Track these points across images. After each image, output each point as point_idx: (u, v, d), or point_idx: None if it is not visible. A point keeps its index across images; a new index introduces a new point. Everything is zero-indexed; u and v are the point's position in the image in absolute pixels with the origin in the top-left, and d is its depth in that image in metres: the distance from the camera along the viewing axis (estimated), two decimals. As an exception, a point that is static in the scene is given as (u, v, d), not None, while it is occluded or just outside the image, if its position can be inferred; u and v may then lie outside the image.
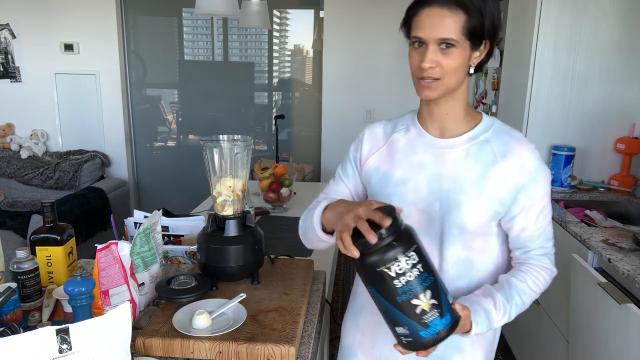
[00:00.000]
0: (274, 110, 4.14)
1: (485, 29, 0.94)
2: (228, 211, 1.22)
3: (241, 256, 1.20)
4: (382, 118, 3.81)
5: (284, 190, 2.36)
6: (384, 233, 0.81)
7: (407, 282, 0.82)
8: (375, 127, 1.14)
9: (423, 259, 0.84)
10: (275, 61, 4.03)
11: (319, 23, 3.89)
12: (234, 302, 1.11)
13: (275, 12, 3.93)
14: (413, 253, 0.82)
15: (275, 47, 4.01)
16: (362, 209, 0.86)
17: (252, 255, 1.22)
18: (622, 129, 2.46)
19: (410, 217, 1.03)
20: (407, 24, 0.98)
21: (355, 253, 0.84)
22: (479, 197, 0.99)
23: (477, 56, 0.98)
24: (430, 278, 0.84)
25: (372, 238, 0.81)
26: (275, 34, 3.99)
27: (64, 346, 0.75)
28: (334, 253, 1.91)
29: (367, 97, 3.81)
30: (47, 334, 0.74)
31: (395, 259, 0.81)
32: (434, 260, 1.04)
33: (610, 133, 2.47)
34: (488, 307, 0.97)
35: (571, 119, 2.48)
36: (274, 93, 4.12)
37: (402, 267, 0.81)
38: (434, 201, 1.02)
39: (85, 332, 0.77)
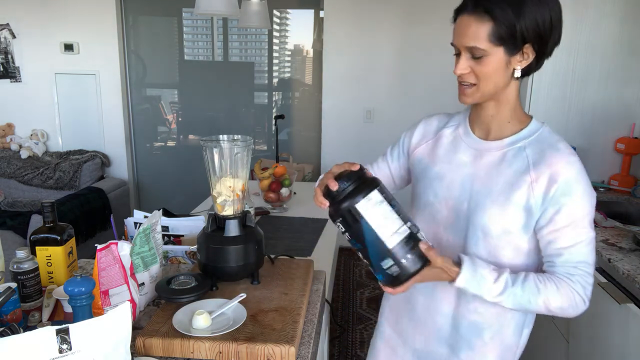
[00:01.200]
0: (274, 110, 4.15)
1: (519, 34, 0.90)
2: (228, 211, 1.22)
3: (241, 256, 1.20)
4: (382, 118, 3.81)
5: (284, 190, 2.36)
6: (332, 194, 0.92)
7: (348, 240, 0.94)
8: (432, 119, 1.16)
9: (351, 229, 0.91)
10: (275, 61, 4.03)
11: (319, 23, 3.89)
12: (234, 302, 1.11)
13: (275, 12, 3.93)
14: (339, 224, 0.93)
15: (275, 47, 4.01)
16: (335, 168, 0.97)
17: (252, 255, 1.22)
18: (622, 129, 2.46)
19: (440, 212, 1.07)
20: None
21: (324, 202, 0.94)
22: (505, 204, 0.98)
23: (521, 60, 0.95)
24: (357, 245, 0.92)
25: (333, 185, 0.91)
26: (275, 34, 3.99)
27: (64, 346, 0.75)
28: (334, 253, 1.91)
29: (367, 97, 3.81)
30: (47, 334, 0.74)
31: (335, 222, 0.94)
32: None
33: (610, 133, 2.48)
34: (488, 275, 0.96)
35: (571, 119, 2.48)
36: (274, 93, 4.12)
37: (340, 230, 0.94)
38: (464, 200, 1.04)
39: (85, 332, 0.77)
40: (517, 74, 0.97)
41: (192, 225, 1.66)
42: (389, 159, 1.23)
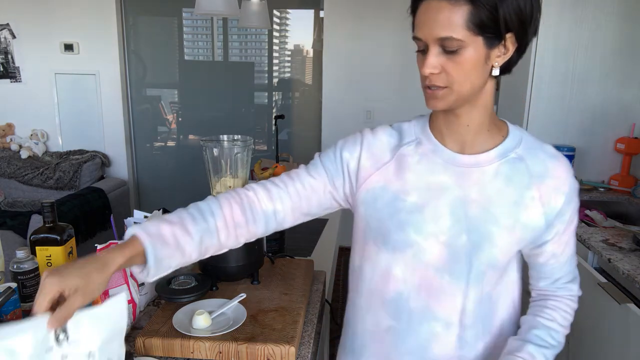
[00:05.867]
0: (274, 110, 4.15)
1: (501, 21, 0.74)
2: (228, 211, 1.22)
3: (241, 256, 1.20)
4: (382, 118, 3.80)
5: (284, 190, 2.35)
6: None
7: None
8: (379, 134, 0.92)
9: None
10: (275, 61, 4.03)
11: (319, 23, 3.89)
12: (234, 302, 1.11)
13: (275, 12, 3.93)
14: None
15: (275, 47, 4.01)
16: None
17: (252, 255, 1.22)
18: (622, 129, 2.46)
19: (428, 252, 0.86)
20: (413, 24, 0.80)
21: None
22: (514, 228, 0.84)
23: (501, 54, 0.78)
24: None
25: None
26: (275, 34, 3.99)
27: (61, 336, 0.73)
28: (334, 253, 1.91)
29: (367, 97, 3.81)
30: (44, 321, 0.71)
31: None
32: (456, 304, 0.88)
33: (610, 133, 2.48)
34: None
35: (571, 119, 2.48)
36: (274, 93, 4.12)
37: None
38: (460, 232, 0.84)
39: (82, 321, 0.75)
40: (496, 71, 0.80)
41: (192, 225, 1.65)
42: (321, 175, 0.92)
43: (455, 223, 0.85)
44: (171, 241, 0.79)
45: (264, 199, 0.89)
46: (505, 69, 0.82)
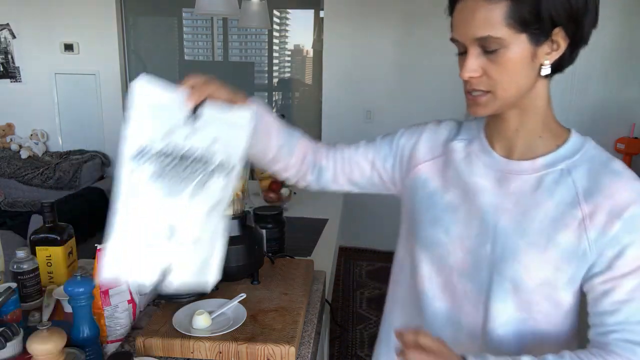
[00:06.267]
0: (274, 110, 4.15)
1: (546, 15, 0.67)
2: (228, 211, 1.22)
3: (241, 256, 1.20)
4: (382, 118, 3.78)
5: (284, 190, 2.36)
6: None
7: None
8: (441, 127, 0.90)
9: None
10: (275, 61, 4.03)
11: (319, 23, 3.89)
12: (234, 302, 1.11)
13: (275, 12, 3.93)
14: None
15: (275, 47, 4.02)
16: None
17: (252, 255, 1.22)
18: (622, 129, 2.46)
19: (453, 255, 0.82)
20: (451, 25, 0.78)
21: None
22: (547, 248, 0.75)
23: (551, 51, 0.72)
24: None
25: None
26: (275, 34, 3.99)
27: (192, 115, 0.75)
28: (334, 253, 1.91)
29: (367, 97, 3.81)
30: (184, 96, 0.76)
31: None
32: (478, 317, 0.82)
33: (610, 133, 2.48)
34: None
35: (571, 119, 2.48)
36: (274, 93, 4.12)
37: None
38: (485, 241, 0.79)
39: (212, 119, 0.76)
40: (546, 70, 0.73)
41: (192, 225, 1.65)
42: (375, 151, 0.95)
43: (483, 231, 0.80)
44: (267, 127, 0.87)
45: (323, 154, 0.97)
46: (558, 67, 0.75)
